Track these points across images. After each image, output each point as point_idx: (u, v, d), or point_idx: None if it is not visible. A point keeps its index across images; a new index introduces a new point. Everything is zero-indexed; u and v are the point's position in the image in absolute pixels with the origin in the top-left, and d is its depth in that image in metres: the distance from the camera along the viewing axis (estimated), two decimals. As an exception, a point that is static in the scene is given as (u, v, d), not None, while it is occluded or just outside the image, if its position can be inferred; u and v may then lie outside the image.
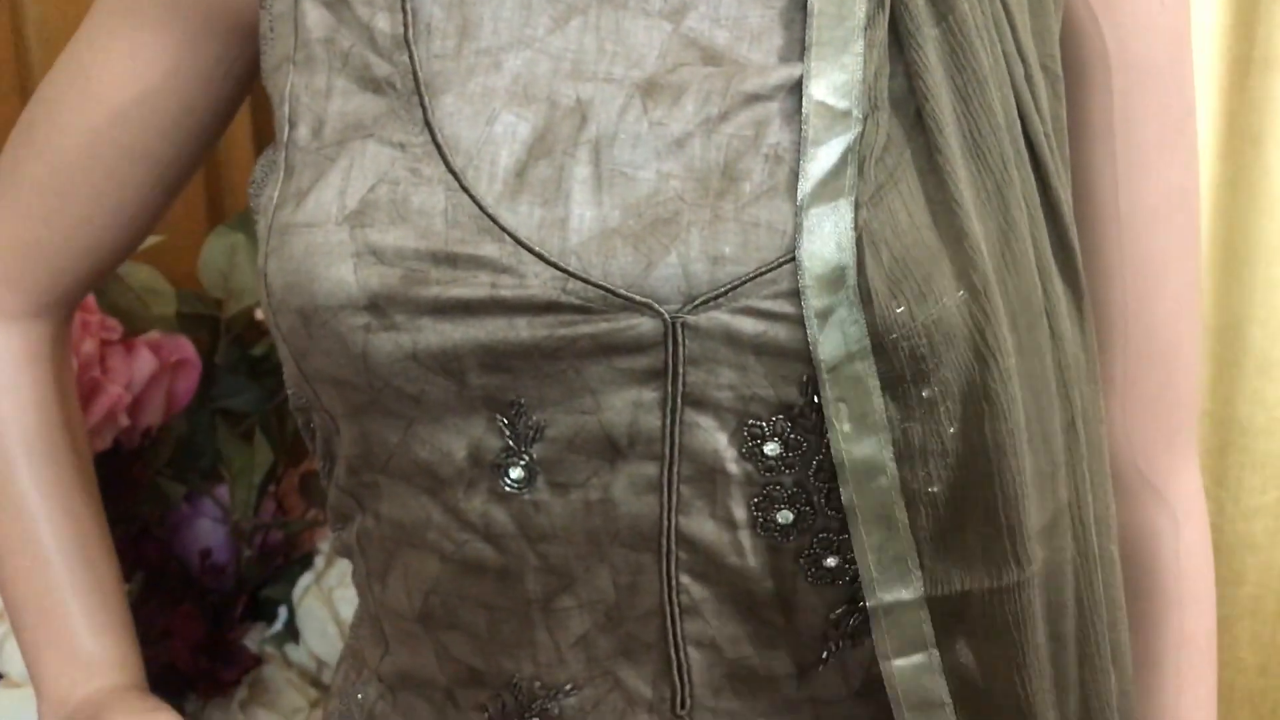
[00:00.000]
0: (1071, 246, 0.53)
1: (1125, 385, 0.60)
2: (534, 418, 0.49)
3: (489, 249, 0.47)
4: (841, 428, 0.48)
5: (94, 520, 0.70)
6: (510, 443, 0.50)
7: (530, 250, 0.47)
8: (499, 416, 0.50)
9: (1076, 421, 0.52)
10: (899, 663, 0.50)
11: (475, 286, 0.47)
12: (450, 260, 0.47)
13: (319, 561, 0.92)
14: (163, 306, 0.97)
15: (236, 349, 1.06)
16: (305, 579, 0.91)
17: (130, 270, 0.98)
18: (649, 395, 0.48)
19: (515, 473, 0.50)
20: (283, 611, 0.94)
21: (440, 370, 0.48)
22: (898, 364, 0.47)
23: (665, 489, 0.49)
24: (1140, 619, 0.62)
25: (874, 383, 0.48)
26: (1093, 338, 0.56)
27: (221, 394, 1.02)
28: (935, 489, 0.49)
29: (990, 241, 0.49)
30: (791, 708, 0.52)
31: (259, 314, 1.07)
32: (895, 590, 0.49)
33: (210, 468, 1.00)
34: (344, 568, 0.93)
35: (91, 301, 0.89)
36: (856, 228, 0.47)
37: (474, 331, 0.48)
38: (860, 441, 0.48)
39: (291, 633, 0.93)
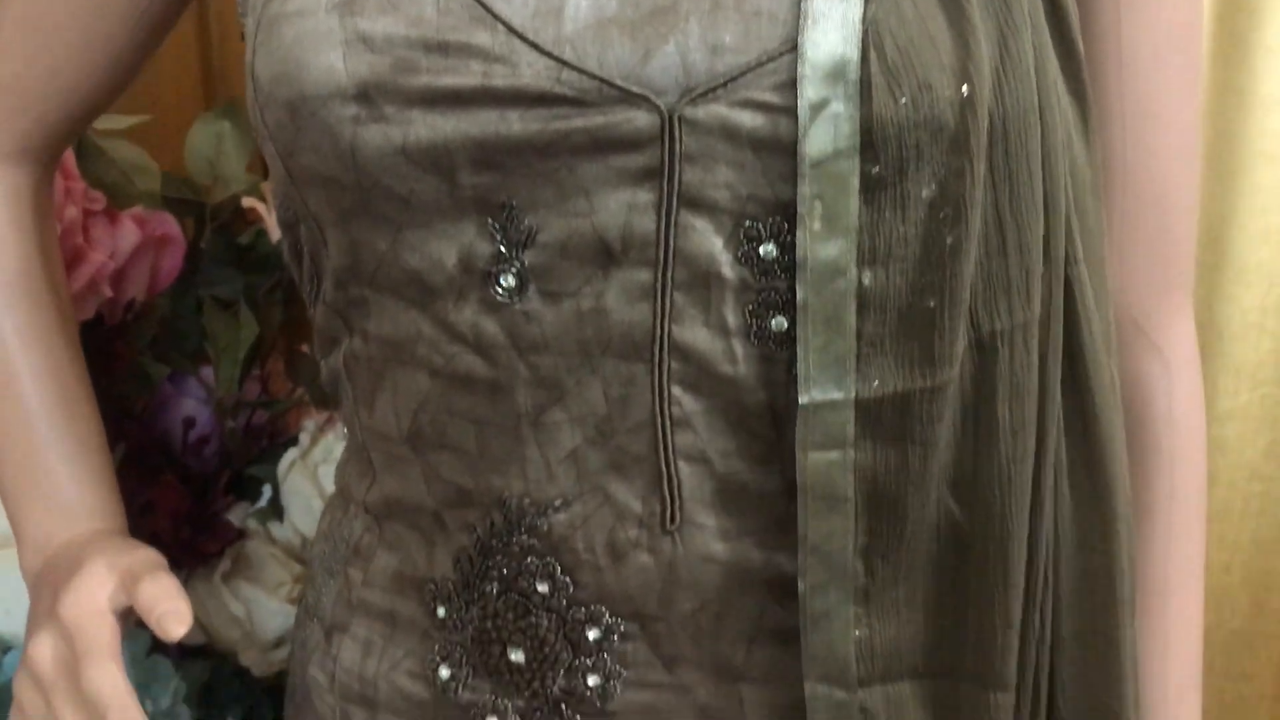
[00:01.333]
0: (1078, 59, 0.52)
1: (1123, 229, 0.59)
2: (526, 221, 0.47)
3: (481, 37, 0.45)
4: (811, 225, 0.46)
5: (76, 370, 0.68)
6: (502, 248, 0.48)
7: (523, 39, 0.45)
8: (490, 220, 0.48)
9: (1054, 242, 0.50)
10: (814, 455, 0.48)
11: (467, 75, 0.45)
12: (441, 48, 0.45)
13: (304, 439, 0.90)
14: (147, 182, 0.95)
15: (222, 237, 1.03)
16: (290, 455, 0.89)
17: (114, 147, 0.95)
18: (644, 196, 0.47)
19: (506, 281, 0.48)
20: (267, 490, 0.92)
21: (430, 167, 0.46)
22: (881, 163, 0.46)
23: (658, 295, 0.48)
24: (1131, 471, 0.61)
25: (854, 182, 0.46)
26: (1098, 154, 0.54)
27: (206, 281, 0.99)
28: (888, 294, 0.47)
29: (990, 42, 0.47)
30: (781, 526, 0.51)
31: (246, 202, 1.05)
32: (829, 390, 0.48)
33: (195, 351, 0.98)
34: (329, 444, 0.91)
35: (73, 168, 0.87)
36: (865, 21, 0.45)
37: (465, 125, 0.46)
38: (827, 242, 0.46)
39: (276, 510, 0.91)
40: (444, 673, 0.55)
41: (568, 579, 0.52)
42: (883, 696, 0.51)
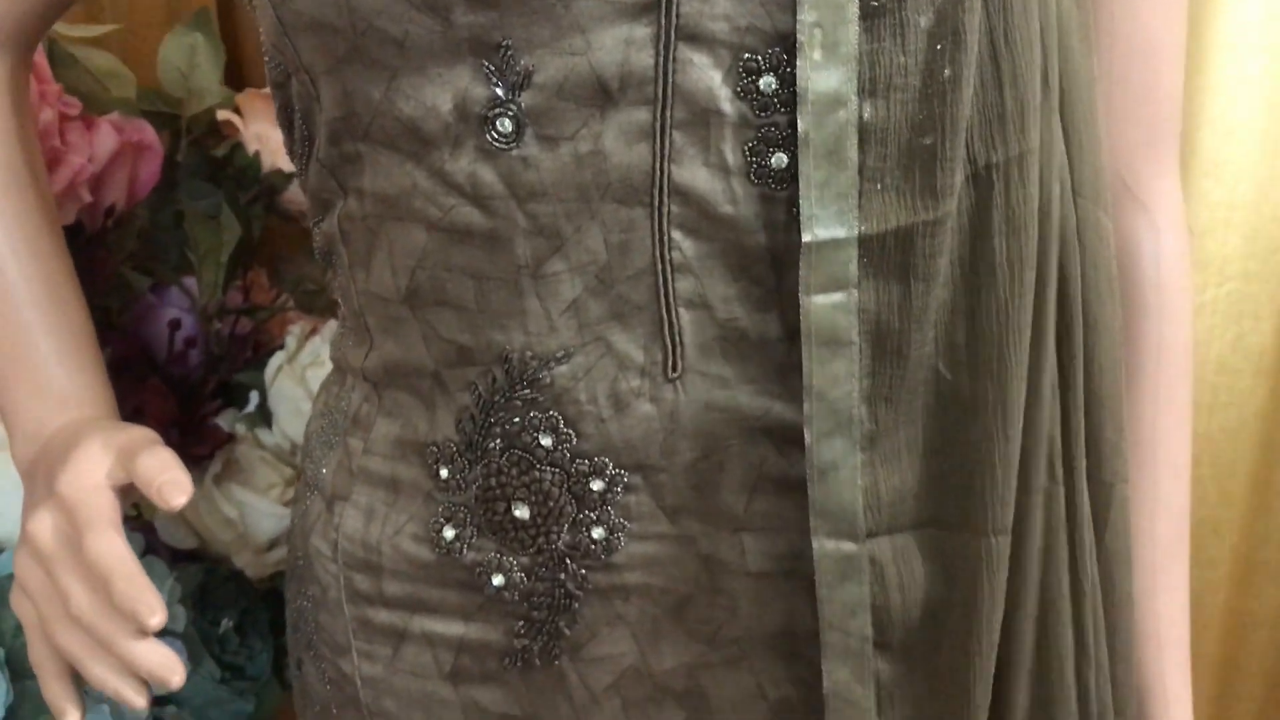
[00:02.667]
0: None
1: (1110, 84, 0.58)
2: (522, 62, 0.46)
3: None
4: (811, 54, 0.45)
5: (62, 263, 0.66)
6: (498, 91, 0.47)
7: None
8: (485, 62, 0.46)
9: (1050, 76, 0.50)
10: (818, 299, 0.48)
11: None
12: None
13: (290, 342, 0.89)
14: (123, 89, 0.92)
15: (198, 150, 1.01)
16: (277, 359, 0.88)
17: (87, 55, 0.93)
18: (641, 31, 0.45)
19: (503, 126, 0.47)
20: (254, 397, 0.90)
21: (424, 6, 0.45)
22: None
23: (657, 135, 0.47)
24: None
25: (853, 9, 0.45)
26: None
27: (184, 194, 0.98)
28: (889, 126, 0.47)
29: None
30: (781, 373, 0.50)
31: (221, 116, 1.03)
32: (831, 228, 0.47)
33: (177, 263, 0.96)
34: (316, 348, 0.90)
35: (47, 72, 0.84)
36: None
37: None
38: (828, 72, 0.46)
39: (264, 416, 0.90)
40: (448, 534, 0.55)
41: (571, 431, 0.51)
42: (890, 547, 0.51)
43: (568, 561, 0.53)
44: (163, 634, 0.78)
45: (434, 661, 0.57)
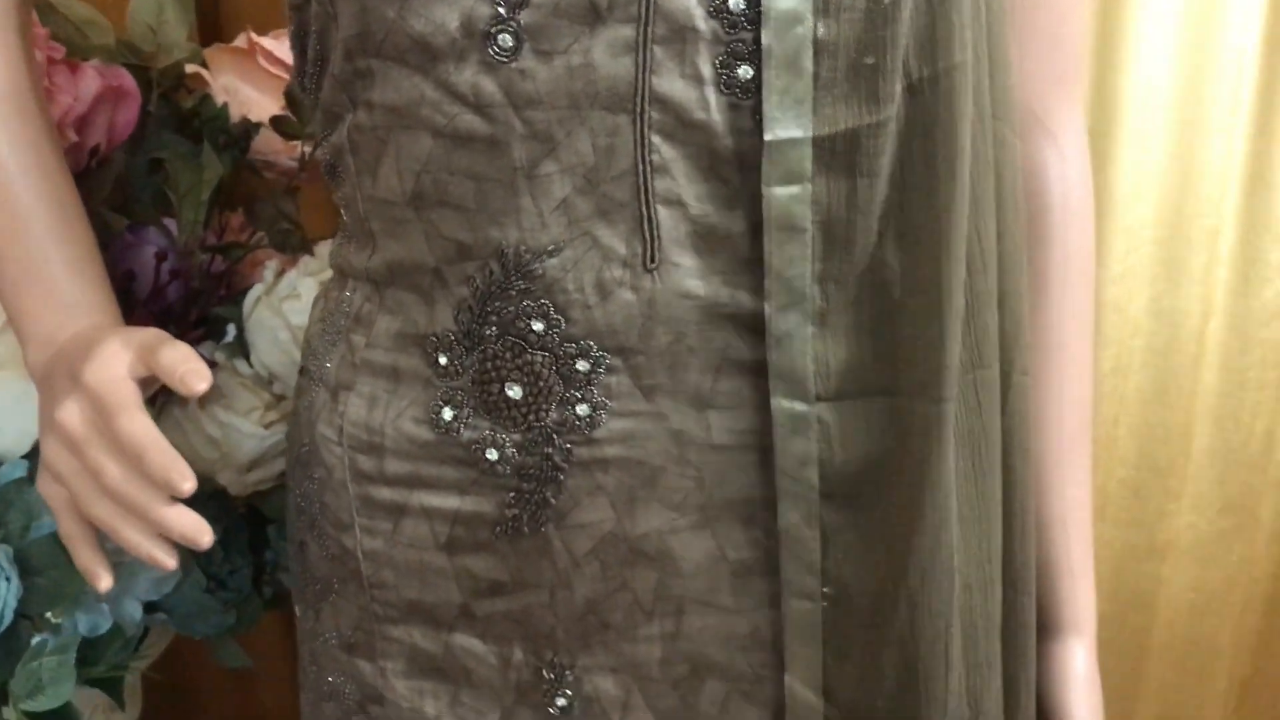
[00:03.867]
0: None
1: (1022, 19, 0.66)
2: None
3: None
4: None
5: (66, 180, 0.71)
6: (500, 10, 0.53)
7: None
8: None
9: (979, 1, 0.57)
10: (777, 190, 0.54)
11: None
12: None
13: (267, 275, 0.93)
14: (101, 37, 0.96)
15: (168, 104, 1.05)
16: (255, 290, 0.92)
17: (67, 4, 0.96)
18: None
19: (504, 40, 0.53)
20: (231, 329, 0.94)
21: None
22: None
23: (640, 50, 0.53)
24: (1029, 242, 0.68)
25: None
26: None
27: (155, 147, 1.01)
28: (839, 42, 0.53)
29: None
30: (744, 266, 0.57)
31: (190, 69, 1.06)
32: (790, 128, 0.54)
33: (152, 204, 0.99)
34: (292, 280, 0.94)
35: (33, 17, 0.88)
36: None
37: None
38: None
39: (242, 347, 0.94)
40: (446, 414, 0.60)
41: (560, 318, 0.57)
42: (835, 411, 0.58)
43: (555, 437, 0.59)
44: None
45: (431, 534, 0.62)
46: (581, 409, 0.58)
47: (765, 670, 0.62)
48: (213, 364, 0.92)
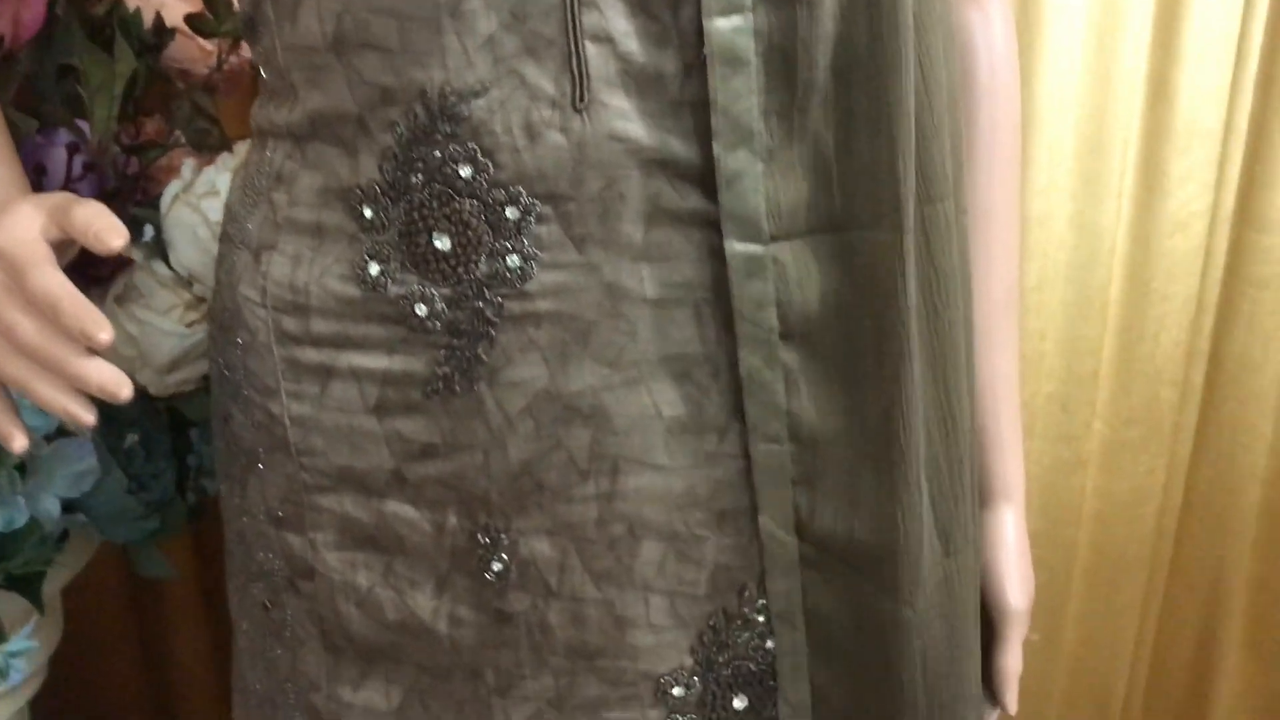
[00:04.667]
0: None
1: None
2: None
3: None
4: None
5: None
6: None
7: None
8: None
9: None
10: (719, 21, 0.54)
11: None
12: None
13: (186, 173, 0.90)
14: (3, -74, 0.91)
15: (75, 9, 1.00)
16: (173, 187, 0.89)
17: (-36, -105, 0.91)
18: None
19: None
20: (148, 229, 0.91)
21: None
22: None
23: None
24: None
25: None
26: None
27: (64, 53, 0.97)
28: None
29: None
30: (676, 109, 0.55)
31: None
32: None
33: (61, 108, 0.95)
34: (211, 177, 0.91)
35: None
36: None
37: None
38: None
39: (159, 249, 0.91)
40: (373, 269, 0.58)
41: (488, 161, 0.55)
42: (790, 250, 0.57)
43: (486, 291, 0.58)
44: (72, 440, 0.80)
45: (360, 396, 0.61)
46: (512, 260, 0.57)
47: (702, 530, 0.62)
48: (130, 261, 0.88)
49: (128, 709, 1.42)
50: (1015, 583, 0.72)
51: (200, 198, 0.89)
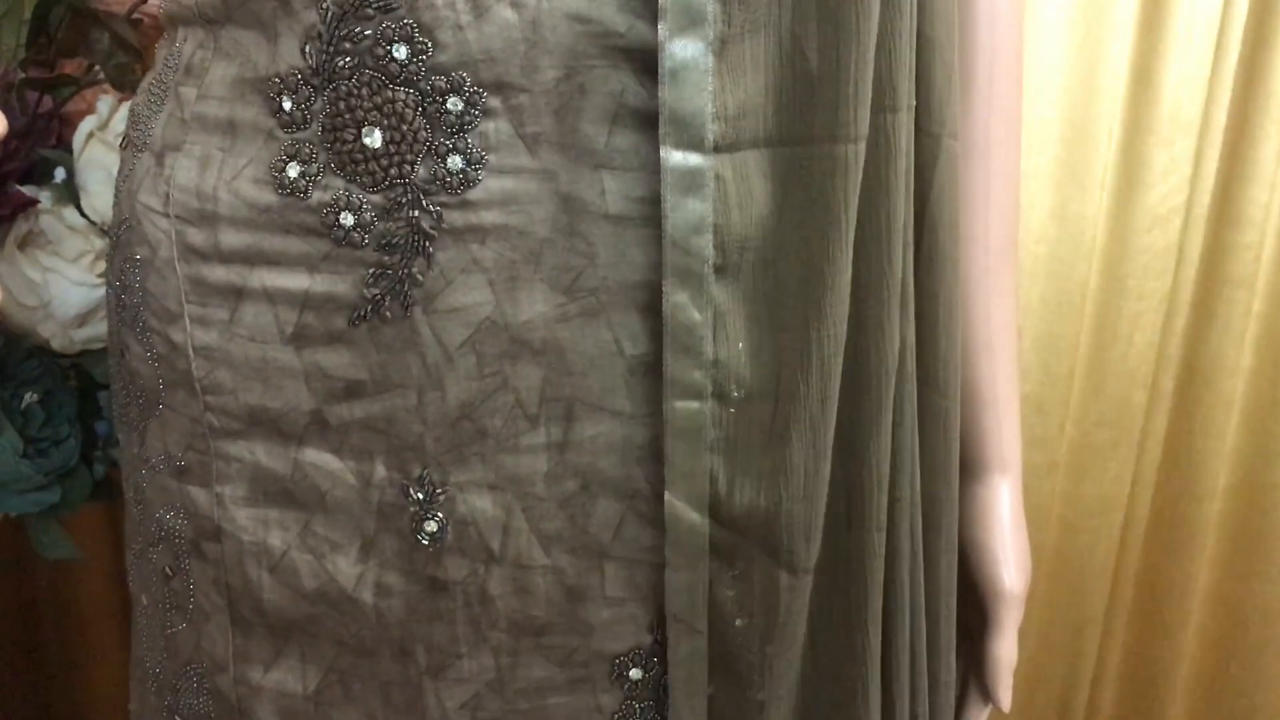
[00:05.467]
0: None
1: None
2: None
3: None
4: None
5: None
6: None
7: None
8: None
9: None
10: None
11: None
12: None
13: (102, 109, 0.81)
14: None
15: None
16: (88, 123, 0.80)
17: None
18: None
19: None
20: (60, 171, 0.82)
21: None
22: None
23: None
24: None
25: None
26: None
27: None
28: None
29: None
30: None
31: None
32: None
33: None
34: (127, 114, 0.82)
35: None
36: None
37: None
38: None
39: (71, 193, 0.82)
40: (292, 171, 0.50)
41: (426, 40, 0.47)
42: (732, 165, 0.49)
43: (423, 198, 0.49)
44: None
45: (275, 322, 0.52)
46: (454, 162, 0.49)
47: (665, 487, 0.53)
48: (36, 201, 0.79)
49: None
50: (1011, 562, 0.65)
51: (118, 137, 0.80)
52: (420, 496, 0.53)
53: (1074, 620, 1.46)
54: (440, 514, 0.53)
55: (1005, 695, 0.65)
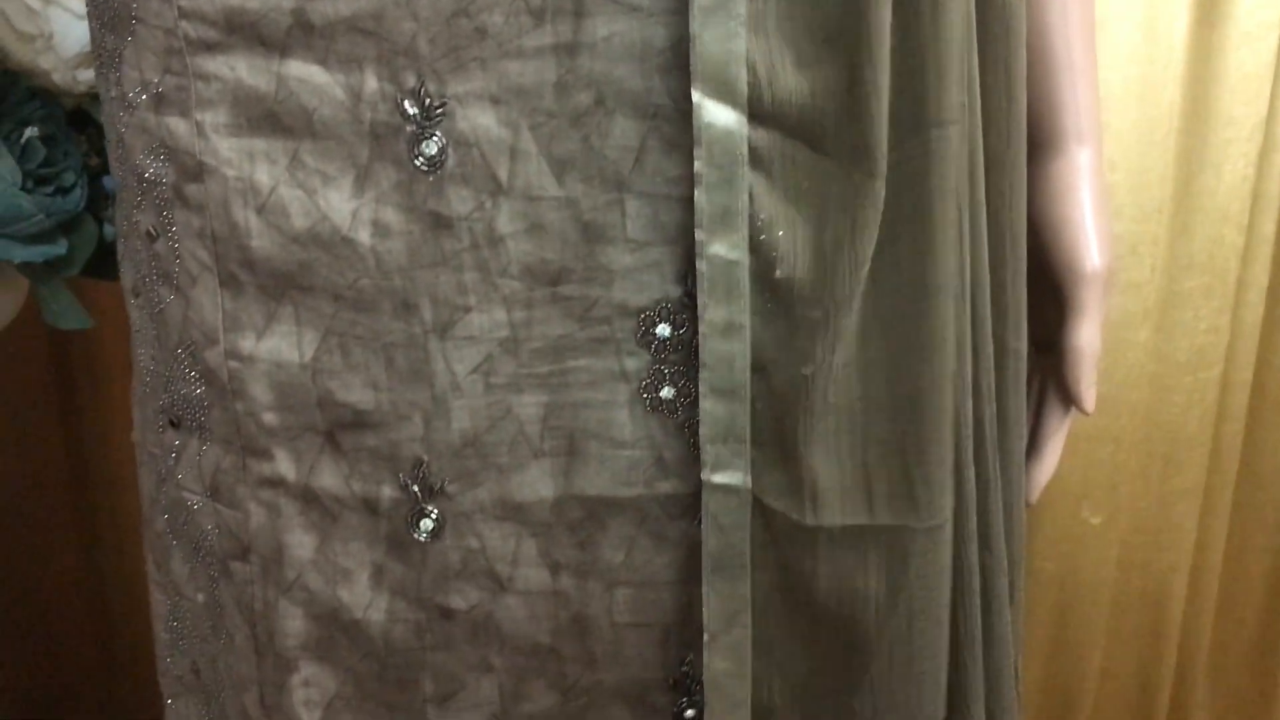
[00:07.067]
0: None
1: None
2: None
3: None
4: None
5: None
6: None
7: None
8: None
9: None
10: None
11: None
12: None
13: None
14: None
15: None
16: None
17: None
18: None
19: None
20: None
21: None
22: None
23: None
24: None
25: None
26: None
27: None
28: None
29: None
30: None
31: None
32: None
33: None
34: None
35: None
36: None
37: None
38: None
39: None
40: None
41: None
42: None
43: None
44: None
45: None
46: None
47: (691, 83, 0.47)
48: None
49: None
50: (1091, 239, 0.57)
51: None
52: (415, 112, 0.48)
53: (1166, 500, 1.36)
54: (439, 133, 0.48)
55: (1089, 394, 0.58)
